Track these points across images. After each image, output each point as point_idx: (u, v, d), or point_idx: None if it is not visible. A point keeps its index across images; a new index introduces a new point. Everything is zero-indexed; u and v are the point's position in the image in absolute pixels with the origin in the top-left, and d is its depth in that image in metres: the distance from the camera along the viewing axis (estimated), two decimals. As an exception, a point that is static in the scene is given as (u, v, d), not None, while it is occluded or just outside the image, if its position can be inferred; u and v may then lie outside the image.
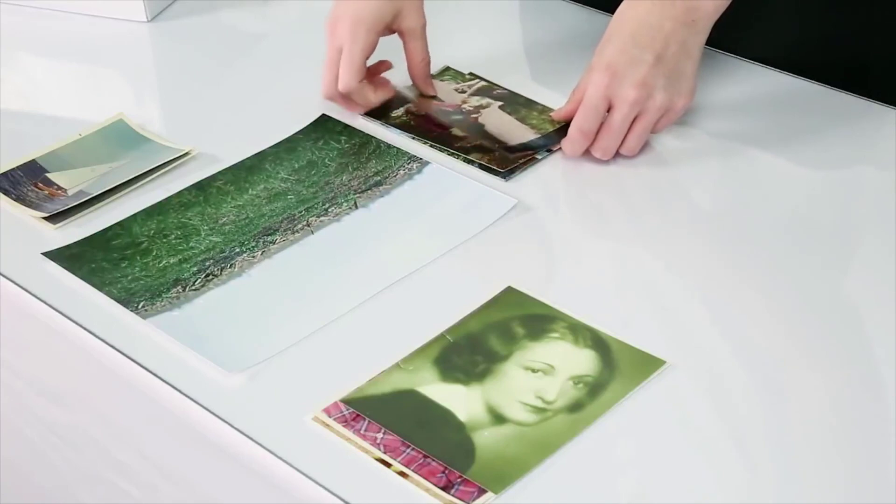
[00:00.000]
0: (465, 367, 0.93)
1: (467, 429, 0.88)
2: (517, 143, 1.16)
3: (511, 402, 0.90)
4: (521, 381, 0.91)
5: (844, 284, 1.02)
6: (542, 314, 0.97)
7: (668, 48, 1.09)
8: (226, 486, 0.95)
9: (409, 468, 0.85)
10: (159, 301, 1.01)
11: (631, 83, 1.09)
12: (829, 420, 0.89)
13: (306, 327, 0.98)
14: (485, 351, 0.94)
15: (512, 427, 0.88)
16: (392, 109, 1.22)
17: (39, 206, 1.11)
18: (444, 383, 0.91)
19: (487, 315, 0.97)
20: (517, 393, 0.90)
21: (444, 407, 0.90)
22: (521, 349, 0.94)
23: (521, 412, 0.89)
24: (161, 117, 1.28)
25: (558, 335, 0.95)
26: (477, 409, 0.89)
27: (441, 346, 0.94)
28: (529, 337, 0.95)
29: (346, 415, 0.89)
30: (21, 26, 1.40)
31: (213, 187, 1.13)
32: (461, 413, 0.89)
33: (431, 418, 0.89)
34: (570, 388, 0.90)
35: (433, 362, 0.93)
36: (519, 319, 0.97)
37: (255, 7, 1.43)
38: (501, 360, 0.93)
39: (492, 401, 0.90)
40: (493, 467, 0.85)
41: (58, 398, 1.08)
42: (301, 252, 1.06)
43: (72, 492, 1.12)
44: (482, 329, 0.96)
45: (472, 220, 1.08)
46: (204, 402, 0.92)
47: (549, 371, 0.92)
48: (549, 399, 0.90)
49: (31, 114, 1.29)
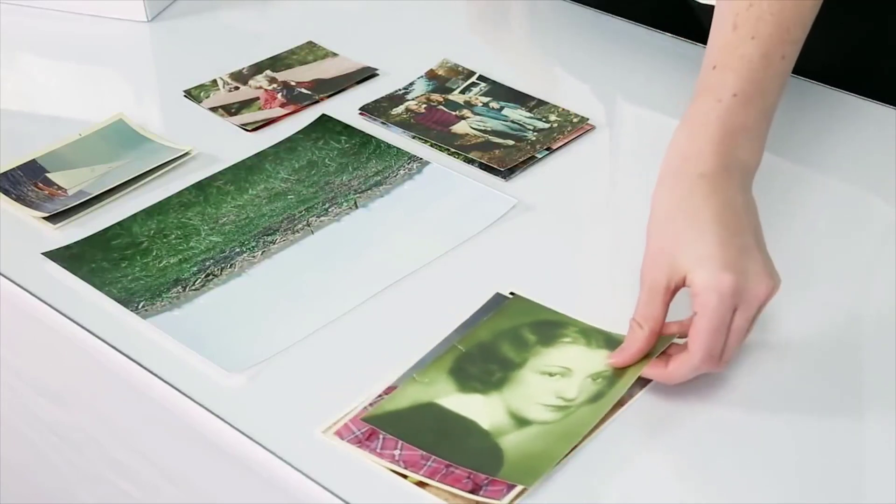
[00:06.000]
0: (480, 376, 0.92)
1: (493, 435, 0.88)
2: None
3: (532, 405, 0.90)
4: (540, 385, 0.91)
5: (844, 284, 1.02)
6: (551, 320, 0.97)
7: (752, 220, 0.92)
8: (226, 486, 0.95)
9: (434, 479, 0.85)
10: (159, 301, 1.01)
11: (757, 280, 0.89)
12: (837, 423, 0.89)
13: (306, 327, 0.98)
14: (499, 359, 0.93)
15: (537, 427, 0.88)
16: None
17: (39, 206, 1.11)
18: (463, 394, 0.91)
19: (496, 323, 0.97)
20: (537, 396, 0.90)
21: (466, 417, 0.89)
22: (536, 355, 0.94)
23: (543, 413, 0.89)
24: (161, 117, 1.28)
25: (570, 339, 0.95)
26: (499, 416, 0.89)
27: (454, 356, 0.94)
28: (542, 343, 0.95)
29: (358, 435, 0.88)
30: (21, 26, 1.40)
31: (213, 187, 1.13)
32: (484, 421, 0.89)
33: (454, 429, 0.88)
34: (589, 384, 0.91)
35: (448, 373, 0.92)
36: (528, 326, 0.96)
37: (255, 7, 1.43)
38: (517, 368, 0.93)
39: (513, 406, 0.90)
40: (522, 465, 0.85)
41: (58, 398, 1.08)
42: (301, 252, 1.06)
43: (72, 492, 1.12)
44: (493, 338, 0.95)
45: (472, 220, 1.08)
46: (204, 402, 0.92)
47: (567, 373, 0.92)
48: (570, 397, 0.90)
49: (31, 114, 1.29)
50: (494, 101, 1.23)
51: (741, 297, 0.88)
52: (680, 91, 1.24)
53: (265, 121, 1.22)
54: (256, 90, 1.27)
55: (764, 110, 0.96)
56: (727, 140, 0.93)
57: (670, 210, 0.91)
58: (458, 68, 1.28)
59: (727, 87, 0.94)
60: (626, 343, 0.91)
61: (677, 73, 1.26)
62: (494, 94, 1.24)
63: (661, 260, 0.90)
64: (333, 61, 1.31)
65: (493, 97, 1.23)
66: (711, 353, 0.88)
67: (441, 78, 1.27)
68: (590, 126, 1.19)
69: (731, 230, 0.89)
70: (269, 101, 1.25)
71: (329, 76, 1.29)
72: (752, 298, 0.88)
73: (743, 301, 0.88)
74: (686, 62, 1.28)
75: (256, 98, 1.26)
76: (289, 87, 1.27)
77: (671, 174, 0.93)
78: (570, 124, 1.19)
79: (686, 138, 0.94)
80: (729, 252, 0.88)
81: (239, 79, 1.28)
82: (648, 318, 0.90)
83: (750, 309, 0.88)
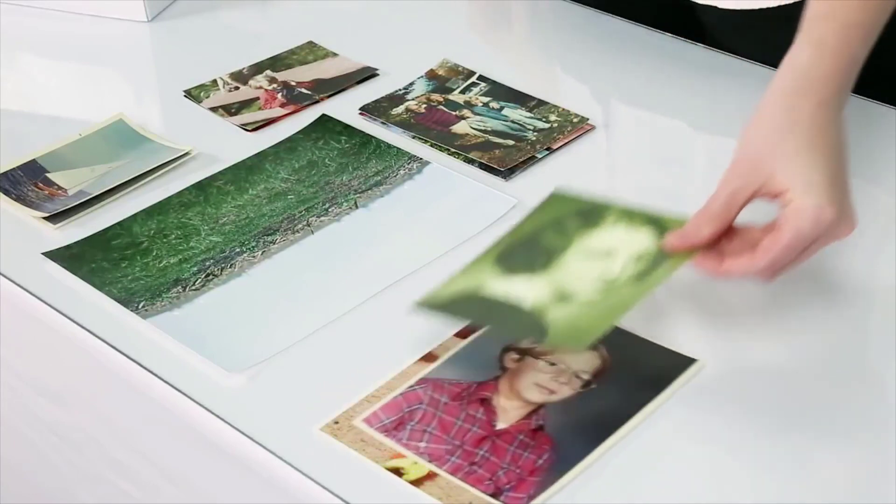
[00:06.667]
0: (525, 263, 0.95)
1: (537, 311, 0.91)
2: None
3: (577, 284, 0.92)
4: (584, 265, 0.94)
5: (844, 285, 1.02)
6: (592, 208, 0.99)
7: (848, 159, 0.94)
8: (226, 486, 0.95)
9: (456, 476, 0.85)
10: (159, 301, 1.01)
11: (846, 220, 0.92)
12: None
13: (306, 327, 0.98)
14: (542, 247, 0.96)
15: (581, 303, 0.91)
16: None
17: (39, 206, 1.11)
18: (508, 279, 0.94)
19: (538, 217, 1.00)
20: (581, 276, 0.93)
21: (512, 298, 0.92)
22: (579, 239, 0.96)
23: (588, 291, 0.92)
24: (161, 117, 1.28)
25: (613, 220, 0.97)
26: (544, 295, 0.92)
27: (499, 248, 0.98)
28: (584, 227, 0.97)
29: (386, 424, 0.89)
30: (21, 26, 1.40)
31: (213, 187, 1.13)
32: (529, 301, 0.92)
33: (501, 309, 0.92)
34: (632, 263, 0.93)
35: (494, 262, 0.96)
36: (571, 215, 0.98)
37: (255, 7, 1.43)
38: (560, 252, 0.95)
39: (557, 286, 0.92)
40: (568, 334, 0.89)
41: (58, 398, 1.08)
42: (301, 252, 1.06)
43: (72, 492, 1.12)
44: (536, 229, 0.98)
45: (472, 220, 1.08)
46: (204, 402, 0.92)
47: (610, 253, 0.94)
48: (614, 276, 0.92)
49: (31, 114, 1.29)
50: (494, 101, 1.23)
51: (829, 230, 0.90)
52: (680, 91, 1.24)
53: (265, 121, 1.22)
54: (256, 90, 1.27)
55: (867, 49, 0.97)
56: (850, 71, 0.95)
57: (783, 128, 0.92)
58: (458, 68, 1.28)
59: (853, 14, 0.95)
60: (688, 230, 0.93)
61: (677, 73, 1.26)
62: (494, 94, 1.24)
63: (757, 170, 0.92)
64: (333, 61, 1.31)
65: (493, 97, 1.23)
66: (775, 266, 0.90)
67: (441, 78, 1.27)
68: (590, 126, 1.19)
69: (840, 165, 0.92)
70: (269, 101, 1.25)
71: (329, 76, 1.29)
72: (835, 234, 0.91)
73: (826, 234, 0.91)
74: (686, 62, 1.28)
75: (256, 98, 1.26)
76: (289, 87, 1.27)
77: (791, 92, 0.94)
78: (570, 124, 1.19)
79: (809, 59, 0.94)
80: (836, 187, 0.91)
81: (239, 79, 1.28)
82: (720, 219, 0.92)
83: (826, 242, 0.91)
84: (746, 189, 0.92)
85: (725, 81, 1.24)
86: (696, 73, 1.26)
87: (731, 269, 0.91)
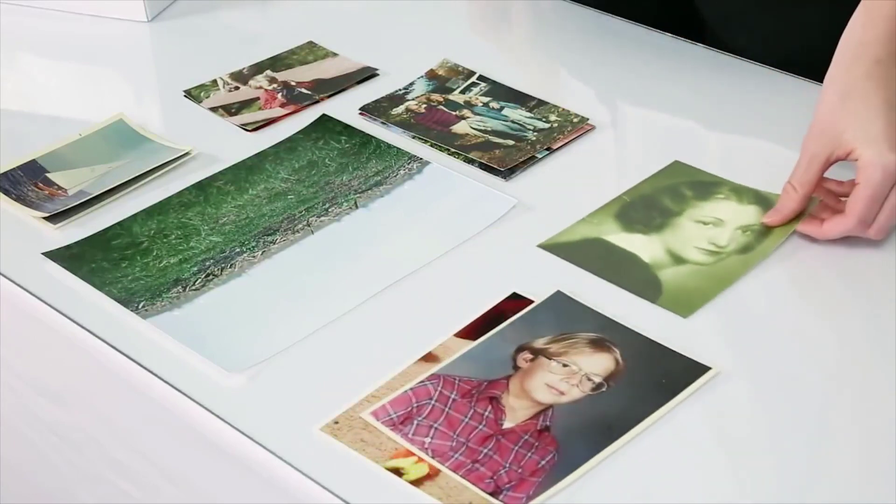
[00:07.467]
0: (643, 220, 1.06)
1: (652, 268, 1.01)
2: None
3: (688, 247, 1.03)
4: (695, 231, 1.05)
5: (845, 285, 1.02)
6: (707, 181, 1.10)
7: None
8: (226, 485, 0.94)
9: (457, 473, 0.85)
10: (159, 301, 1.01)
11: None
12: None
13: (306, 327, 0.98)
14: (659, 208, 1.07)
15: (691, 266, 1.01)
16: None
17: (39, 206, 1.11)
18: (627, 233, 1.05)
19: (657, 181, 1.10)
20: (692, 240, 1.03)
21: (629, 251, 1.03)
22: (692, 207, 1.07)
23: (697, 254, 1.02)
24: (161, 117, 1.28)
25: (723, 195, 1.08)
26: (658, 253, 1.02)
27: (619, 204, 1.08)
28: (697, 197, 1.08)
29: (393, 418, 0.89)
30: (21, 26, 1.40)
31: (214, 187, 1.13)
32: (645, 255, 1.02)
33: (618, 259, 1.02)
34: (738, 235, 1.03)
35: (614, 216, 1.07)
36: (686, 184, 1.10)
37: (255, 7, 1.43)
38: (675, 216, 1.06)
39: (671, 246, 1.03)
40: (678, 298, 0.98)
41: (58, 398, 1.08)
42: (301, 252, 1.06)
43: (72, 492, 1.12)
44: (654, 192, 1.09)
45: (472, 220, 1.08)
46: (204, 402, 0.92)
47: (719, 223, 1.05)
48: (722, 244, 1.03)
49: (31, 114, 1.29)
50: (494, 101, 1.23)
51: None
52: (680, 91, 1.24)
53: (265, 121, 1.22)
54: (256, 90, 1.27)
55: None
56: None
57: (845, 90, 1.01)
58: (458, 68, 1.28)
59: None
60: (780, 204, 1.04)
61: (677, 73, 1.26)
62: (494, 94, 1.24)
63: (828, 134, 1.01)
64: (333, 61, 1.31)
65: (493, 97, 1.23)
66: (864, 219, 1.00)
67: (441, 78, 1.27)
68: (590, 126, 1.19)
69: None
70: (270, 101, 1.25)
71: (329, 76, 1.29)
72: None
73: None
74: (686, 62, 1.28)
75: (256, 98, 1.26)
76: (289, 87, 1.27)
77: (848, 58, 1.02)
78: (570, 124, 1.19)
79: (861, 26, 1.02)
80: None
81: (239, 79, 1.28)
82: (805, 183, 1.02)
83: None
84: (821, 154, 1.01)
85: (726, 81, 1.24)
86: (696, 73, 1.26)
87: (828, 230, 1.01)
